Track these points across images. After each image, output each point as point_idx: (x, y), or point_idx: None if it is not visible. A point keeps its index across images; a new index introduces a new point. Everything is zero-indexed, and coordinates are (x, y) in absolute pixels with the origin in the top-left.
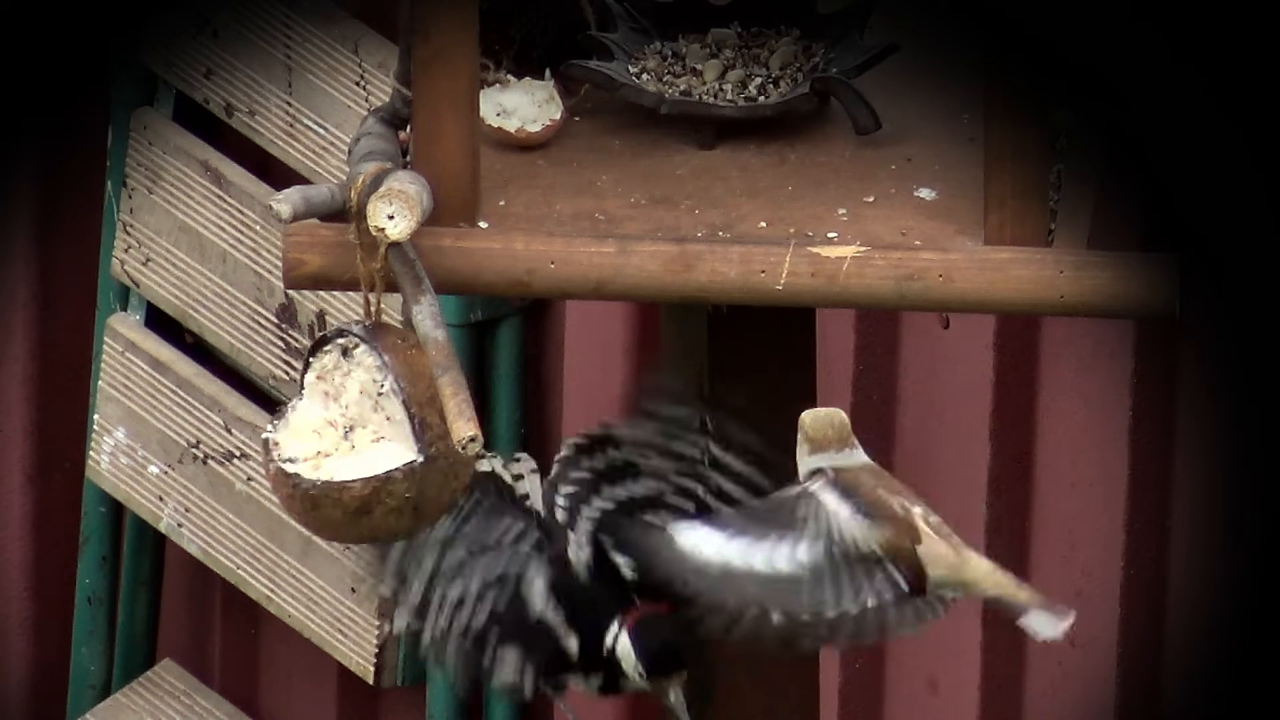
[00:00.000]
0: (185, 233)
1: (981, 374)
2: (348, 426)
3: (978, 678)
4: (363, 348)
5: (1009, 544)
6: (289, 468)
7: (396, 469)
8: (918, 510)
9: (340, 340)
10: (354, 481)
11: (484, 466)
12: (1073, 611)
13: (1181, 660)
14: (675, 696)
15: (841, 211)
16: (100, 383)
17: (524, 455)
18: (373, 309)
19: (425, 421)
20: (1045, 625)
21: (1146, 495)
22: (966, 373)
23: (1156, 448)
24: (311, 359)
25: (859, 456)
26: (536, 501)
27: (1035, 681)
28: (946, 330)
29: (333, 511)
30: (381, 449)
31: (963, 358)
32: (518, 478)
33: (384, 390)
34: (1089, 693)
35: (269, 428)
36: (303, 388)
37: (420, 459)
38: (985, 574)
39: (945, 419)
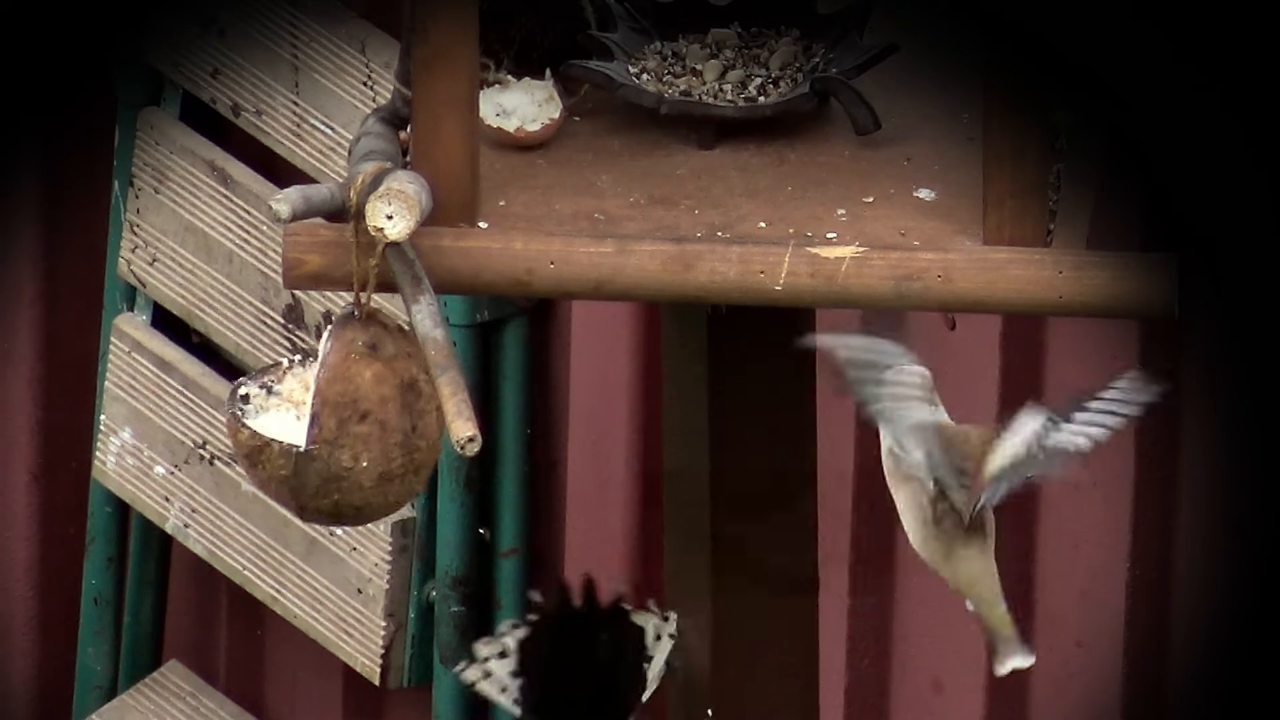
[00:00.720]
0: (192, 233)
1: (986, 374)
2: None
3: (982, 678)
4: (328, 330)
5: (1013, 544)
6: (244, 389)
7: (275, 440)
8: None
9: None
10: (245, 429)
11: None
12: (1033, 657)
13: (1186, 660)
14: None
15: (841, 212)
16: (106, 383)
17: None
18: (363, 305)
19: (320, 420)
20: (1007, 661)
21: (1151, 496)
22: (971, 373)
23: (1161, 448)
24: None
25: (941, 415)
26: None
27: (1040, 682)
28: (952, 331)
29: (232, 443)
30: (300, 425)
31: (967, 358)
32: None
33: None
34: (1093, 693)
35: (297, 357)
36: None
37: (298, 447)
38: (991, 584)
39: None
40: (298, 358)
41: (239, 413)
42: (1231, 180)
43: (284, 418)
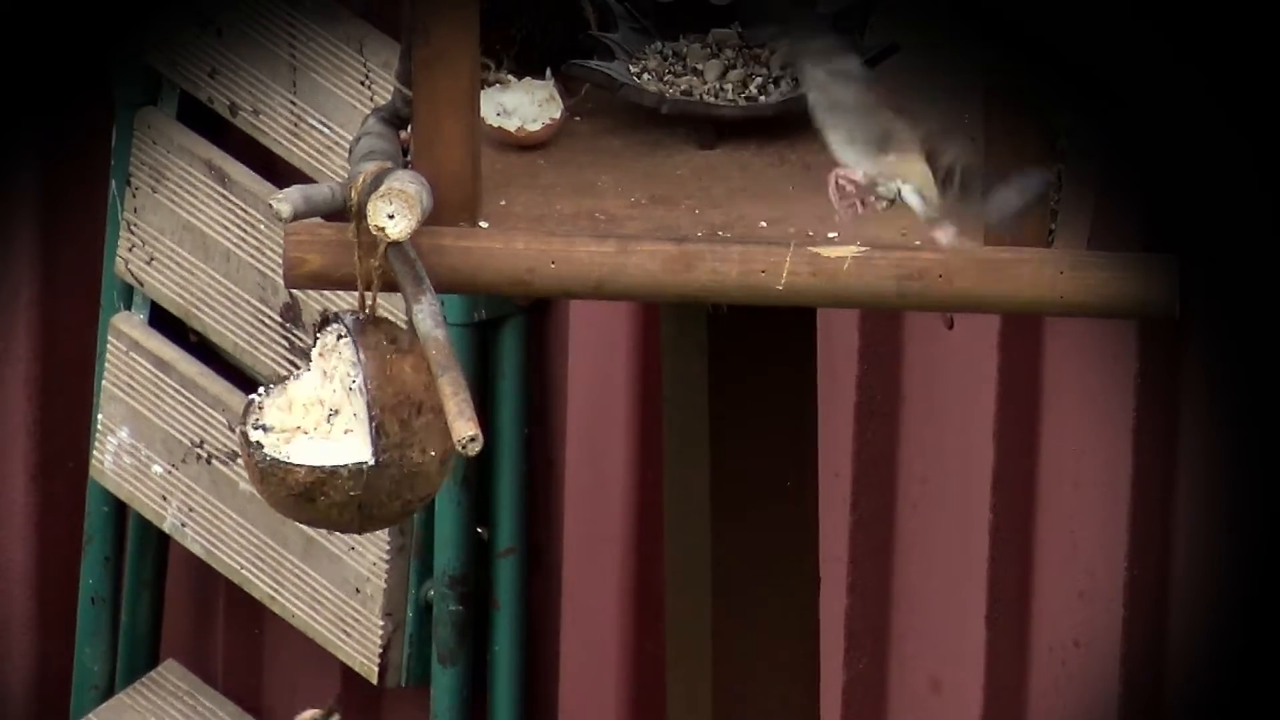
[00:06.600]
0: (189, 232)
1: (985, 374)
2: (333, 409)
3: (981, 677)
4: (346, 339)
5: (1012, 544)
6: (253, 435)
7: (344, 465)
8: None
9: (335, 325)
10: (300, 467)
11: None
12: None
13: (1184, 660)
14: None
15: None
16: (104, 382)
17: None
18: (368, 306)
19: (384, 427)
20: (947, 235)
21: (1149, 495)
22: (970, 373)
23: (1160, 448)
24: (317, 334)
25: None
26: None
27: (1038, 681)
28: (950, 330)
29: (278, 489)
30: (346, 442)
31: (966, 358)
32: None
33: (353, 387)
34: (1092, 693)
35: (261, 390)
36: (309, 360)
37: (370, 462)
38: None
39: (949, 419)
40: (263, 389)
41: (280, 456)
42: (1230, 180)
43: (307, 446)
